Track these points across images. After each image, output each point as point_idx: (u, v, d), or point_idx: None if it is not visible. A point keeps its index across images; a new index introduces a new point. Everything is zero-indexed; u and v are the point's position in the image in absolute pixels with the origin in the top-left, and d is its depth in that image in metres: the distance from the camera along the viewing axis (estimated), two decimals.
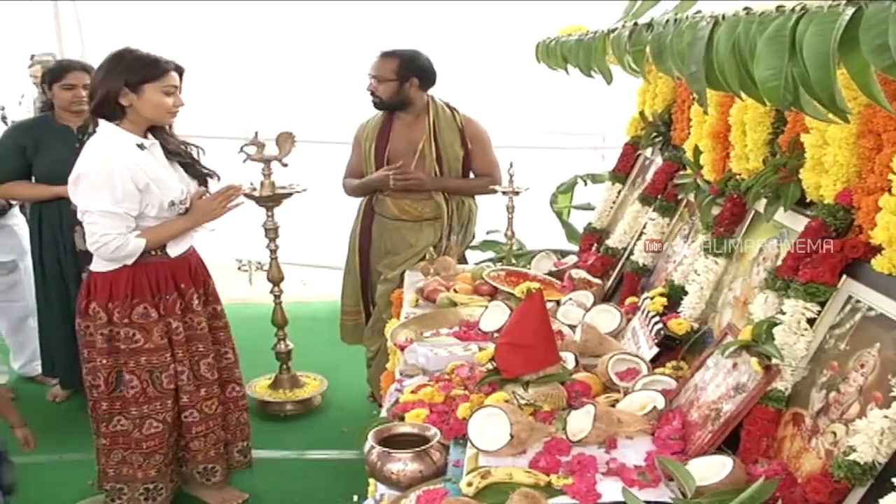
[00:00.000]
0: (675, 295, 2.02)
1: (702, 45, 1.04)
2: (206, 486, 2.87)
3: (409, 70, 3.23)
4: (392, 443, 1.58)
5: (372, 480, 1.61)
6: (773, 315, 1.51)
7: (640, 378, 1.80)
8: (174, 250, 2.62)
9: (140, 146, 2.50)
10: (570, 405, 1.73)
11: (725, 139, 1.94)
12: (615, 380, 1.85)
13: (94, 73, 2.61)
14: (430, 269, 2.85)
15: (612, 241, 2.57)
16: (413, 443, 1.57)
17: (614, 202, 2.81)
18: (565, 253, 3.01)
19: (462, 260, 3.41)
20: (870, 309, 1.35)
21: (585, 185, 4.28)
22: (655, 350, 1.91)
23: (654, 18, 1.33)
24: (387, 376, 2.41)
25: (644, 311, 2.07)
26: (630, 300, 2.27)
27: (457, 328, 2.34)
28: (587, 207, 4.01)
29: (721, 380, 1.58)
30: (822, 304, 1.44)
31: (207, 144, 2.95)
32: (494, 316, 2.26)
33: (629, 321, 2.16)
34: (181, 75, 2.56)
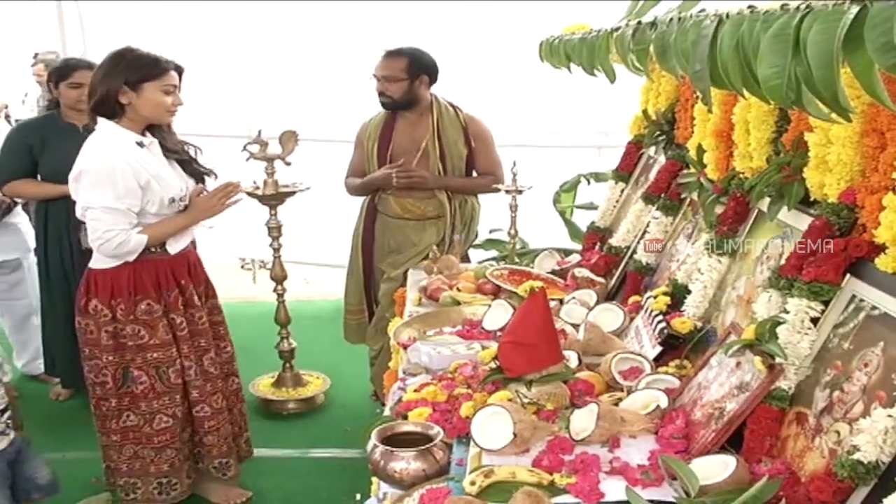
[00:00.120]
0: (678, 294, 2.02)
1: (706, 44, 1.04)
2: (216, 483, 2.90)
3: (418, 68, 3.22)
4: (395, 441, 1.57)
5: (375, 479, 1.61)
6: (777, 314, 1.50)
7: (644, 377, 1.79)
8: (174, 247, 2.63)
9: (139, 144, 2.51)
10: (574, 404, 1.73)
11: (729, 138, 1.93)
12: (618, 379, 1.84)
13: (94, 71, 2.62)
14: (434, 268, 2.85)
15: (615, 240, 2.56)
16: (416, 441, 1.56)
17: (617, 201, 2.80)
18: (568, 252, 3.00)
19: (465, 259, 3.41)
20: (873, 308, 1.35)
21: (589, 183, 4.29)
22: (659, 349, 1.91)
23: (657, 17, 1.33)
24: (390, 375, 2.41)
25: (647, 309, 2.07)
26: (633, 299, 2.26)
27: (460, 327, 2.34)
28: (590, 206, 4.02)
29: (724, 379, 1.58)
30: (825, 303, 1.44)
31: (211, 143, 2.97)
32: (497, 315, 2.26)
33: (632, 320, 2.16)
34: (181, 75, 2.58)
